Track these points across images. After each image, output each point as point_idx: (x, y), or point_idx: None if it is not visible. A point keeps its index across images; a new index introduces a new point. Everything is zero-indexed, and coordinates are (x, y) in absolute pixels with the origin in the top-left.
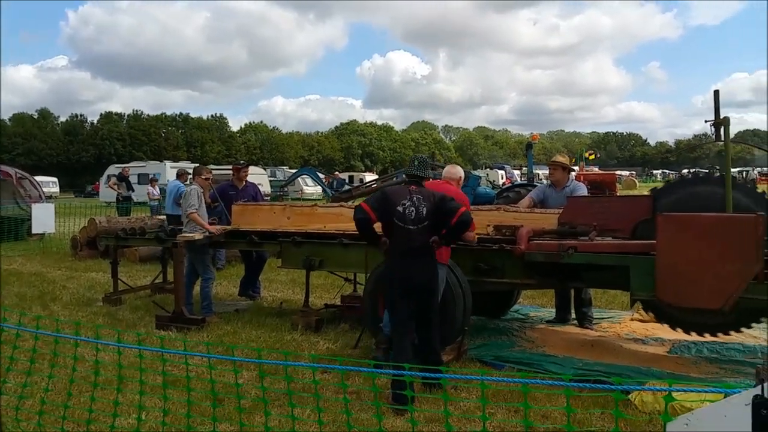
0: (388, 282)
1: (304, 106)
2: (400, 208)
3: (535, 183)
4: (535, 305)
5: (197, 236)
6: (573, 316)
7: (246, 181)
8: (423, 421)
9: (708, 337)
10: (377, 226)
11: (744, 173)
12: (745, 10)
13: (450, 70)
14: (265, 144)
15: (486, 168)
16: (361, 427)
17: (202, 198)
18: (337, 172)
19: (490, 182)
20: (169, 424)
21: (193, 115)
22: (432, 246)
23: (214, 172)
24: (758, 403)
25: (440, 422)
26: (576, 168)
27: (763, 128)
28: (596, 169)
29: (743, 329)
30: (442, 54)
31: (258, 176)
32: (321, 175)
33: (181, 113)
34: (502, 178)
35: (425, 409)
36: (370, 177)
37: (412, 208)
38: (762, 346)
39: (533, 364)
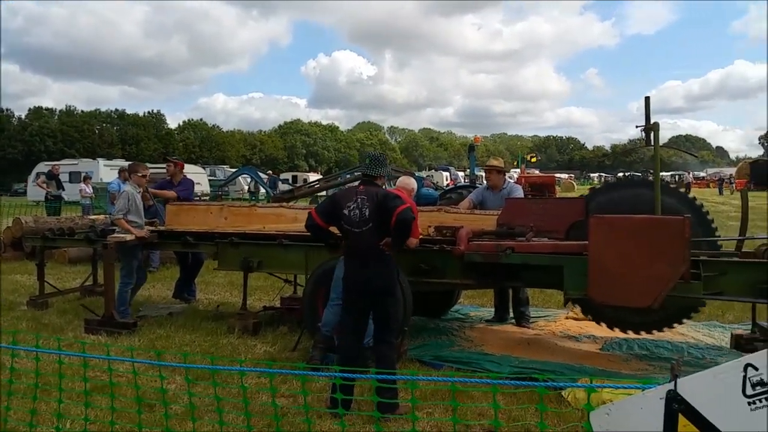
0: (343, 287)
1: (247, 104)
2: (346, 211)
3: (477, 184)
4: (475, 305)
5: (128, 237)
6: (511, 315)
7: (183, 176)
8: (360, 423)
9: (638, 335)
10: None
11: (676, 177)
12: (678, 21)
13: (396, 72)
14: (204, 142)
15: (431, 169)
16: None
17: (135, 199)
18: (270, 172)
19: (434, 183)
20: (94, 430)
21: (129, 111)
22: (383, 249)
23: (150, 170)
24: (670, 398)
25: (379, 423)
26: (517, 170)
27: (695, 134)
28: (537, 172)
29: (671, 327)
30: (389, 55)
31: (197, 175)
32: (263, 175)
33: (116, 109)
34: (446, 180)
35: (363, 411)
36: (314, 177)
37: (357, 210)
38: (689, 343)
39: (471, 363)
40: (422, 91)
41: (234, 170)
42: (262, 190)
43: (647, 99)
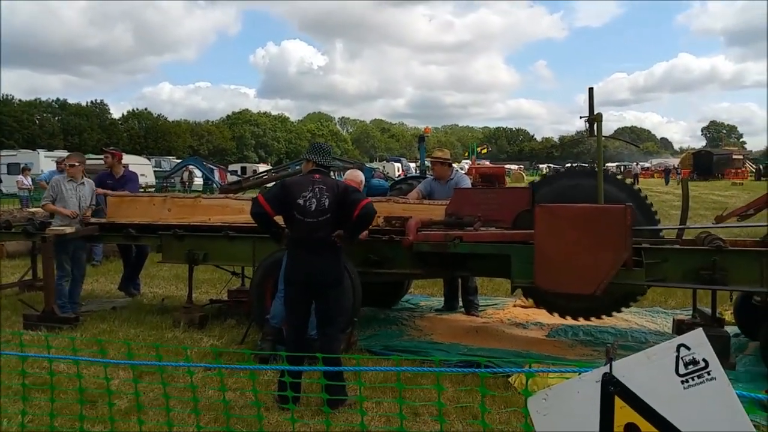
0: (287, 278)
1: (194, 93)
2: (300, 201)
3: (427, 175)
4: (426, 294)
5: (68, 230)
6: (461, 304)
7: (126, 169)
8: (309, 415)
9: (583, 321)
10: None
11: (622, 167)
12: (625, 14)
13: (347, 62)
14: (150, 133)
15: (382, 160)
16: (240, 428)
17: (62, 187)
18: (206, 163)
19: (384, 174)
20: (32, 427)
21: (71, 101)
22: (335, 240)
23: (92, 161)
24: (606, 381)
25: (328, 416)
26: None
27: (640, 125)
28: (487, 163)
29: (615, 313)
30: (339, 45)
31: (142, 166)
32: (215, 168)
33: (58, 99)
34: (398, 171)
35: (312, 405)
36: (264, 168)
37: (314, 200)
38: (633, 329)
39: (420, 352)
40: (374, 81)
41: (179, 161)
42: (197, 181)
43: (591, 90)
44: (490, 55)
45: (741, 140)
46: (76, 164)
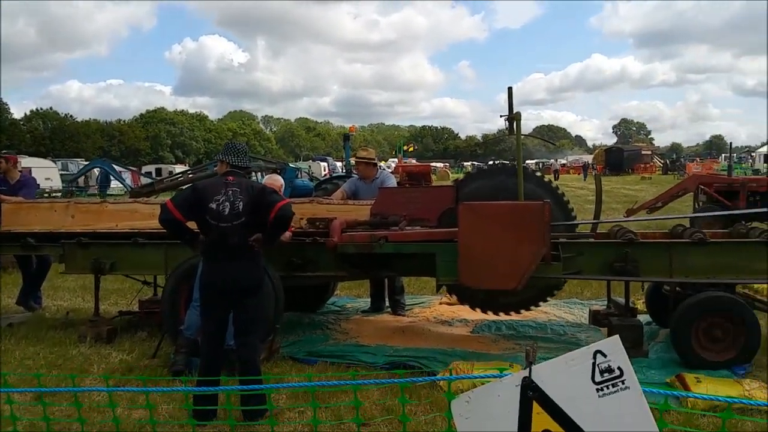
0: (202, 286)
1: (105, 91)
2: (213, 205)
3: (353, 175)
4: (352, 296)
5: None
6: (387, 304)
7: (22, 173)
8: (227, 429)
9: (505, 316)
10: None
11: (540, 164)
12: (542, 16)
13: (270, 59)
14: (56, 133)
15: (308, 160)
16: None
17: None
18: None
19: (309, 173)
20: None
21: None
22: (252, 245)
23: None
24: (525, 385)
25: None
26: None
27: (556, 124)
28: (414, 161)
29: (536, 306)
30: (261, 42)
31: (46, 170)
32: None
33: None
34: (324, 170)
35: (230, 419)
36: (181, 169)
37: (227, 203)
38: (552, 321)
39: (346, 356)
40: (298, 79)
41: (87, 163)
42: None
43: (510, 90)
44: (415, 54)
45: (649, 137)
46: None
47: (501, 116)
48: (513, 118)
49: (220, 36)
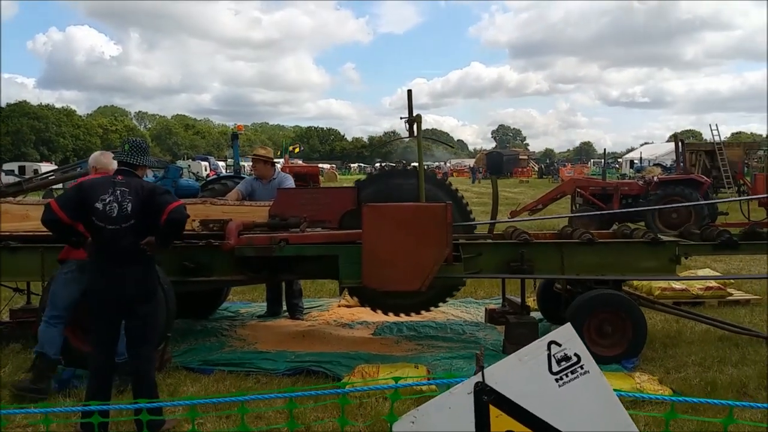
0: (90, 294)
1: None
2: (99, 205)
3: (242, 175)
4: (246, 301)
5: None
6: (285, 308)
7: None
8: None
9: (405, 317)
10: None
11: (427, 167)
12: (424, 23)
13: (145, 53)
14: None
15: (188, 159)
16: None
17: None
18: None
19: (193, 174)
20: None
21: None
22: (144, 249)
23: None
24: (479, 390)
25: None
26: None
27: (439, 128)
28: (300, 162)
29: (437, 307)
30: (135, 34)
31: None
32: None
33: None
34: (205, 170)
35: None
36: (47, 168)
37: (114, 204)
38: (450, 320)
39: (245, 364)
40: (176, 75)
41: None
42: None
43: (409, 92)
44: (299, 54)
45: (525, 142)
46: None
47: (401, 118)
48: (413, 120)
49: (90, 27)
